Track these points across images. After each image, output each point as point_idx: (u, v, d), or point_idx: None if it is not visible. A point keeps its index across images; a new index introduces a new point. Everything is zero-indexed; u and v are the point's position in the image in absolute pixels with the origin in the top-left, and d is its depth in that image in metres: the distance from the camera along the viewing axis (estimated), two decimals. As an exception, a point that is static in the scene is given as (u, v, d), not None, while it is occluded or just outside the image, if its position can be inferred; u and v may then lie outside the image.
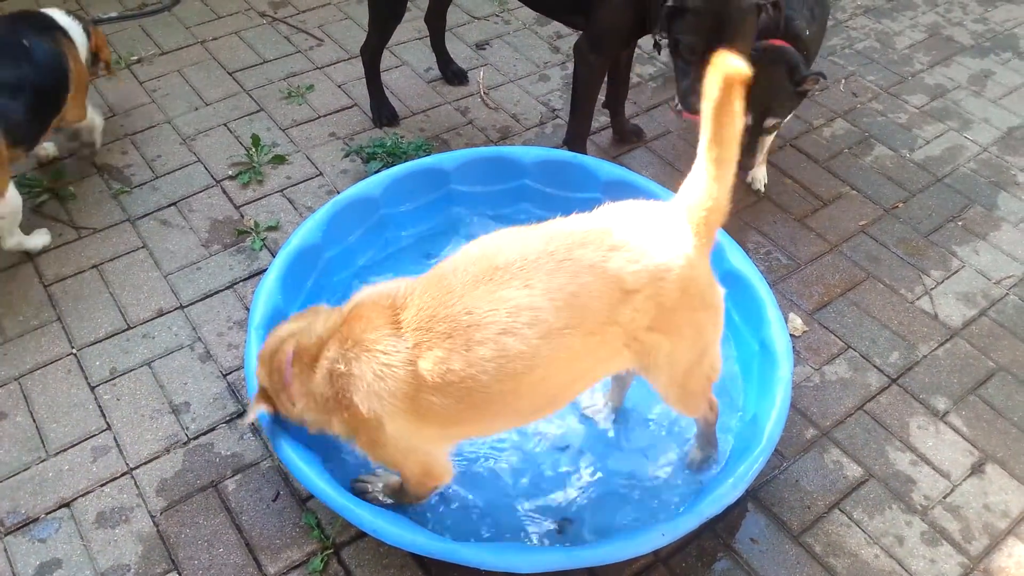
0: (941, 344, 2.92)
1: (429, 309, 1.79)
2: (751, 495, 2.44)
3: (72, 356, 2.73)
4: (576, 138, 3.32)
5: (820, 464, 2.54)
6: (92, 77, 3.30)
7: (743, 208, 3.34)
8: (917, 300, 3.07)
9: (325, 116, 3.72)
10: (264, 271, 2.74)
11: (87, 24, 3.19)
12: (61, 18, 3.05)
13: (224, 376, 2.68)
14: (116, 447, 2.49)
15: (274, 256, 2.74)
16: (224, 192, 3.32)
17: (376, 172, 3.11)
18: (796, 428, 2.63)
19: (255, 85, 3.87)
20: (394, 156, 3.42)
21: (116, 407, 2.59)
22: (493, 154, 3.07)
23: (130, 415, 2.57)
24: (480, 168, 3.04)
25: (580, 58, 3.07)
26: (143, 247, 3.08)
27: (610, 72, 3.36)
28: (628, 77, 3.48)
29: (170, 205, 3.25)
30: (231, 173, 3.40)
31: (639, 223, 1.87)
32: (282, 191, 3.34)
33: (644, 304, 1.81)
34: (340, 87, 3.88)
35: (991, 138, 3.82)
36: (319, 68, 4.00)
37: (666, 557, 2.29)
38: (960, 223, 3.39)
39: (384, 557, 2.26)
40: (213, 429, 2.55)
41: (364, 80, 3.66)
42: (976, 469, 2.57)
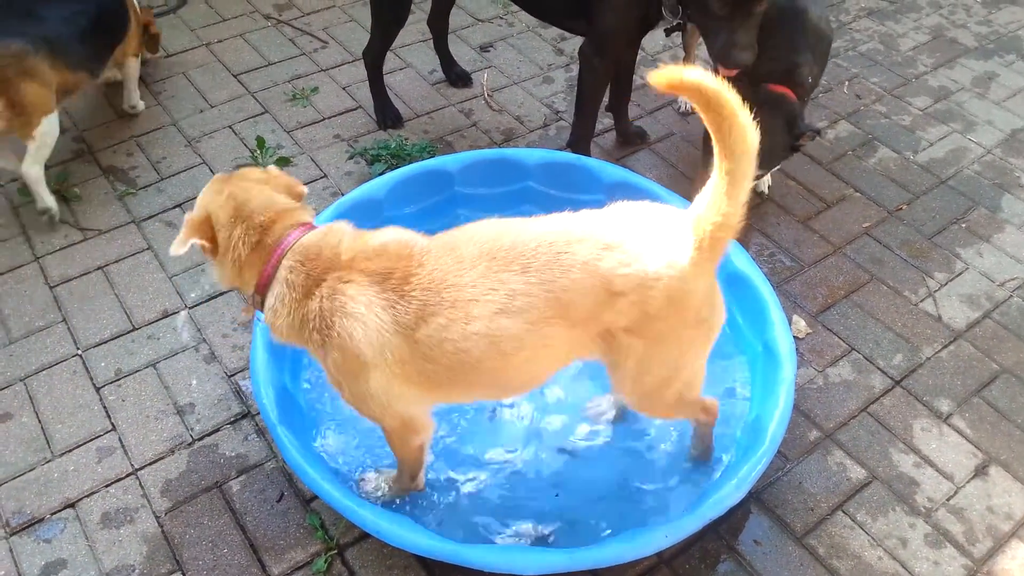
0: (945, 346, 2.92)
1: (440, 274, 1.81)
2: (754, 497, 2.44)
3: (77, 357, 2.74)
4: (580, 140, 3.33)
5: (823, 466, 2.54)
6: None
7: (747, 210, 3.33)
8: (921, 302, 3.06)
9: (329, 118, 3.73)
10: (268, 273, 2.74)
11: None
12: None
13: (229, 377, 2.69)
14: (121, 448, 2.50)
15: (278, 258, 2.75)
16: (229, 194, 3.32)
17: (380, 174, 3.12)
18: (799, 430, 2.63)
19: (260, 87, 3.88)
20: (398, 158, 3.43)
21: (121, 408, 2.60)
22: (497, 156, 3.08)
23: (135, 416, 2.58)
24: (484, 170, 3.04)
25: (585, 62, 3.07)
26: (148, 248, 3.09)
27: (614, 75, 3.36)
28: (631, 80, 3.49)
29: (175, 207, 3.27)
30: (236, 175, 3.41)
31: (641, 227, 1.85)
32: (286, 193, 3.34)
33: (628, 308, 1.82)
34: (344, 89, 3.89)
35: (995, 140, 3.82)
36: (324, 70, 4.01)
37: (669, 559, 2.30)
38: (964, 225, 3.39)
39: (388, 558, 2.26)
40: (218, 430, 2.55)
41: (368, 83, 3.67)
42: (980, 471, 2.57)
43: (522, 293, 1.78)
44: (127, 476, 2.44)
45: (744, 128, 1.67)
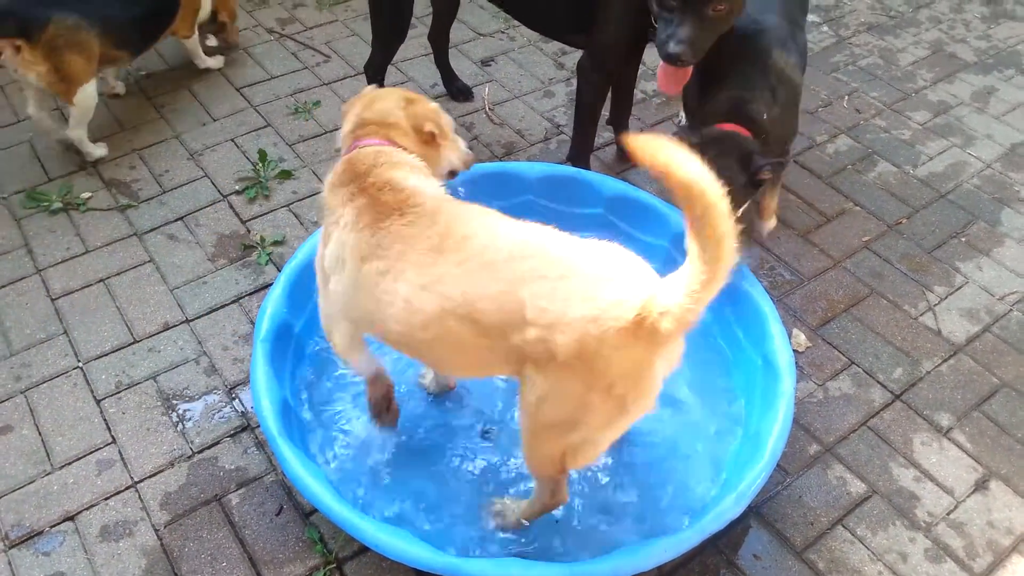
0: (945, 360, 2.92)
1: (409, 229, 1.91)
2: (754, 511, 2.44)
3: (78, 369, 2.75)
4: (580, 154, 3.34)
5: (823, 480, 2.54)
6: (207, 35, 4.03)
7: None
8: (921, 316, 3.07)
9: (332, 132, 3.74)
10: (270, 285, 2.75)
11: None
12: None
13: (229, 390, 2.70)
14: (121, 460, 2.51)
15: (280, 270, 2.76)
16: (231, 207, 3.34)
17: (381, 187, 3.12)
18: (799, 444, 2.62)
19: (262, 101, 3.90)
20: (399, 171, 3.44)
21: (121, 420, 2.61)
22: (497, 169, 3.09)
23: (135, 429, 2.59)
24: (484, 183, 3.04)
25: (583, 76, 3.09)
26: (150, 261, 3.10)
27: (614, 89, 3.38)
28: (632, 94, 3.51)
29: (177, 220, 3.28)
30: (238, 188, 3.43)
31: (599, 272, 1.78)
32: (288, 206, 3.36)
33: (535, 341, 1.76)
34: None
35: (994, 154, 3.83)
36: (326, 84, 4.03)
37: (669, 572, 2.29)
38: (963, 239, 3.39)
39: (387, 572, 2.26)
40: (217, 443, 2.56)
41: (370, 96, 3.68)
42: (980, 486, 2.56)
43: (450, 280, 1.84)
44: (127, 489, 2.44)
45: (702, 194, 1.51)
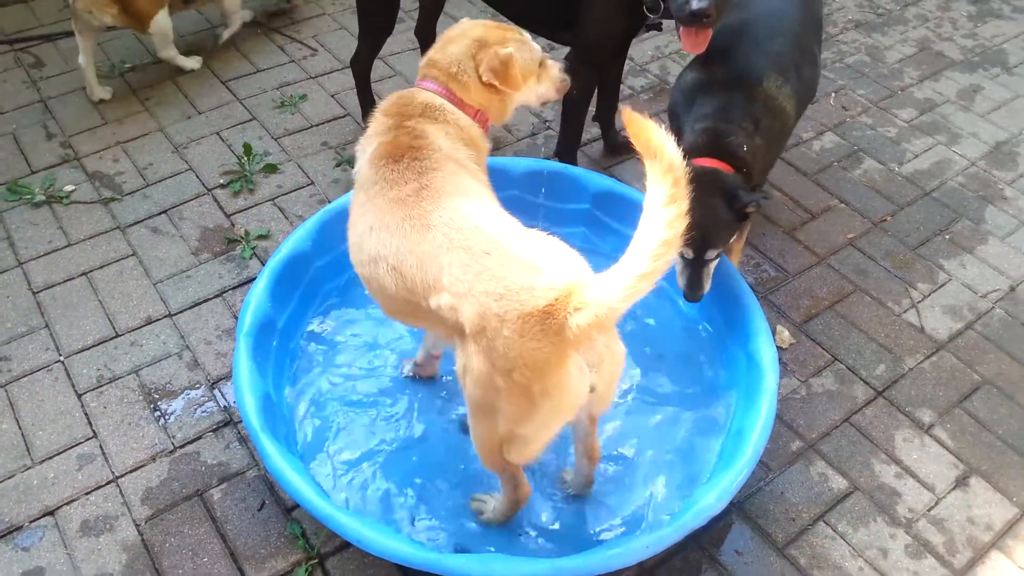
0: (927, 357, 2.93)
1: (400, 178, 2.07)
2: (736, 507, 2.44)
3: (60, 363, 2.73)
4: (567, 150, 3.33)
5: (805, 476, 2.55)
6: None
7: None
8: (904, 313, 3.08)
9: (318, 126, 3.73)
10: (254, 280, 2.74)
11: None
12: None
13: (212, 385, 2.68)
14: (102, 455, 2.49)
15: (264, 265, 2.75)
16: (215, 200, 3.32)
17: (366, 182, 3.11)
18: (782, 440, 2.63)
19: (248, 94, 3.88)
20: (385, 166, 3.42)
21: (102, 415, 2.59)
22: (483, 165, 3.08)
23: (116, 423, 2.57)
24: (470, 179, 3.04)
25: (570, 72, 3.08)
26: (133, 255, 3.08)
27: (600, 85, 3.37)
28: (619, 90, 3.50)
29: (161, 213, 3.26)
30: (222, 182, 3.41)
31: (525, 256, 1.82)
32: (273, 200, 3.34)
33: (447, 308, 1.86)
34: (333, 97, 3.90)
35: (979, 152, 3.85)
36: (312, 78, 4.01)
37: (651, 568, 2.30)
38: (948, 236, 3.41)
39: (369, 568, 2.26)
40: (200, 438, 2.55)
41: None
42: (960, 482, 2.58)
43: (391, 230, 1.98)
44: (107, 484, 2.43)
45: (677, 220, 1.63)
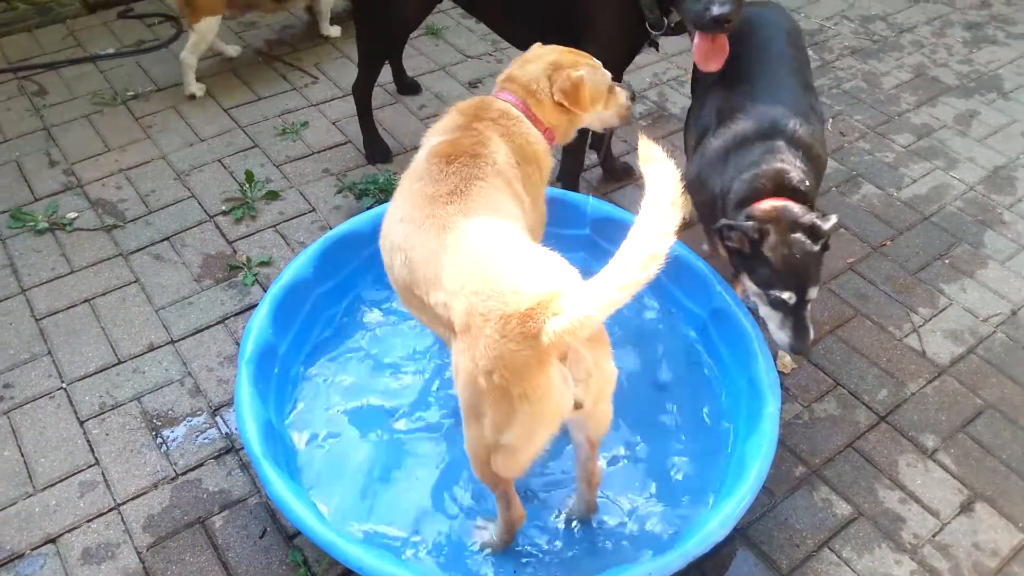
0: (929, 382, 2.93)
1: (441, 178, 2.18)
2: (740, 533, 2.43)
3: (62, 390, 2.73)
4: (569, 175, 3.36)
5: (809, 502, 2.54)
6: None
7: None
8: (905, 338, 3.08)
9: (319, 152, 3.76)
10: (255, 306, 2.74)
11: None
12: None
13: (213, 412, 2.68)
14: (104, 482, 2.48)
15: (266, 291, 2.75)
16: (217, 227, 3.34)
17: (369, 208, 3.13)
18: (785, 466, 2.63)
19: (250, 121, 3.91)
20: (387, 192, 3.45)
21: (105, 442, 2.59)
22: (484, 191, 3.08)
23: (118, 450, 2.57)
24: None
25: None
26: (135, 281, 3.09)
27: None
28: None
29: (163, 240, 3.27)
30: (224, 208, 3.43)
31: (522, 263, 1.89)
32: (275, 227, 3.36)
33: (442, 305, 1.94)
34: (334, 124, 3.93)
35: (977, 177, 3.87)
36: (313, 105, 4.05)
37: (655, 596, 2.28)
38: (947, 261, 3.42)
39: (371, 595, 2.24)
40: (201, 465, 2.54)
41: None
42: (965, 507, 2.57)
43: (411, 225, 2.09)
44: (109, 511, 2.42)
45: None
